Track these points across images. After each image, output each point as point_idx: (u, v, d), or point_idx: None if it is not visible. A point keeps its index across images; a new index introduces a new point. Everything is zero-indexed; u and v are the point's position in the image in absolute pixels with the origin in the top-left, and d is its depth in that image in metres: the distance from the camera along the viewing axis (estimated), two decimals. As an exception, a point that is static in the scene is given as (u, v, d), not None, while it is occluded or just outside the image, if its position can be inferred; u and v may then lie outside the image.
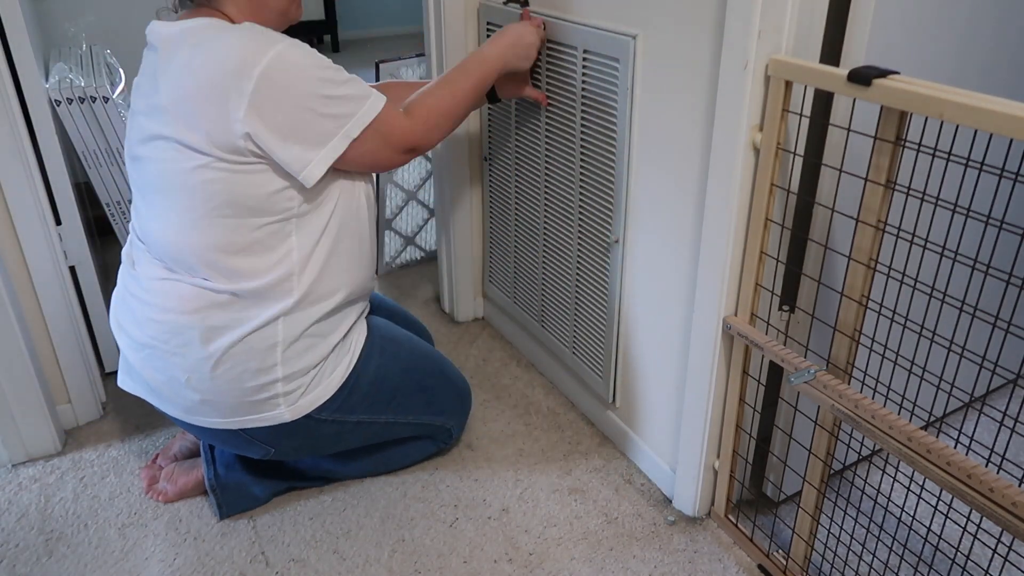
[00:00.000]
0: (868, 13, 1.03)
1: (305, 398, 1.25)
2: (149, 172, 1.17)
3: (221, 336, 1.18)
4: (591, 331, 1.55)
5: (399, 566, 1.30)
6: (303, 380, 1.24)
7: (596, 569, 1.29)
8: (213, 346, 1.18)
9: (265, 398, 1.22)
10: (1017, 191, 1.36)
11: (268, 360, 1.20)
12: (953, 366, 1.52)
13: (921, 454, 0.90)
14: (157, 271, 1.21)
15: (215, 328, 1.17)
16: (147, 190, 1.18)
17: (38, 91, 1.42)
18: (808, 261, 1.18)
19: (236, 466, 1.39)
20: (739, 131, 1.06)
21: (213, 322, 1.17)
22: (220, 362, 1.18)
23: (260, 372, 1.20)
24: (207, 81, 1.08)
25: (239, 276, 1.17)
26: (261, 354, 1.19)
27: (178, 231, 1.16)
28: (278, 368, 1.21)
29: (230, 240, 1.15)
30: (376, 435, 1.40)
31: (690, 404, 1.30)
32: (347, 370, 1.29)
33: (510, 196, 1.74)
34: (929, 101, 0.83)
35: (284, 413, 1.24)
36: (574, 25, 1.36)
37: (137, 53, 2.47)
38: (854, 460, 1.47)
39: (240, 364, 1.19)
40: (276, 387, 1.22)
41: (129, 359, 1.26)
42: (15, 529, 1.37)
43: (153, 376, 1.23)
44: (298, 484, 1.45)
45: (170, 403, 1.25)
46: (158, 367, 1.22)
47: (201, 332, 1.17)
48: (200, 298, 1.17)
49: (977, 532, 1.26)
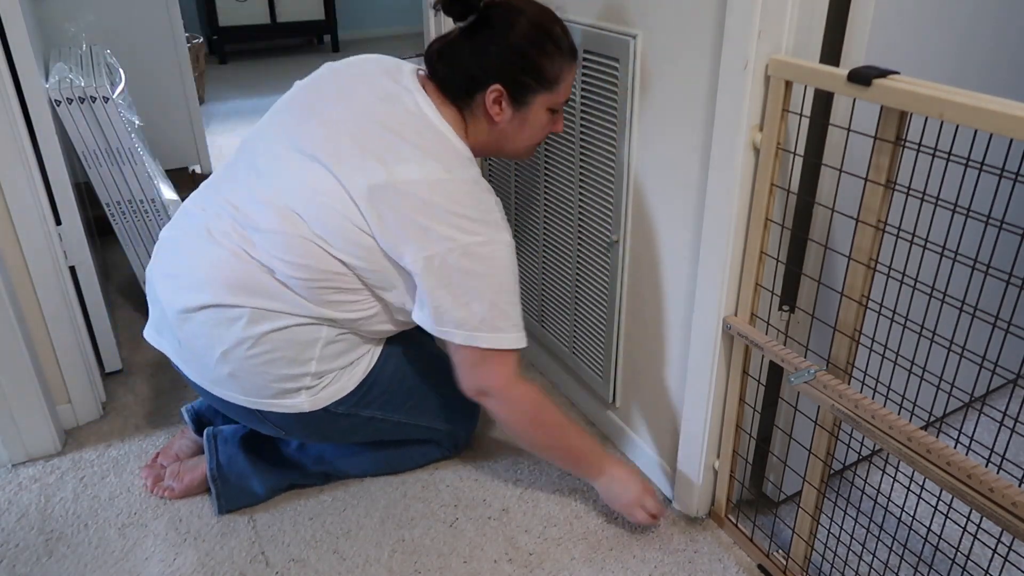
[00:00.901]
0: (868, 13, 1.03)
1: (326, 391, 1.27)
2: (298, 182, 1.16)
3: (269, 321, 1.18)
4: (591, 331, 1.55)
5: (399, 566, 1.30)
6: (330, 375, 1.26)
7: (596, 569, 1.29)
8: (257, 328, 1.18)
9: (291, 388, 1.24)
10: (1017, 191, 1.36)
11: (306, 353, 1.22)
12: (953, 366, 1.52)
13: (921, 454, 0.90)
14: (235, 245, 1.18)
15: (265, 315, 1.18)
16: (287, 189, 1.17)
17: (38, 91, 1.42)
18: (808, 261, 1.18)
19: (238, 459, 1.39)
20: (739, 131, 1.06)
21: (265, 313, 1.18)
22: (259, 343, 1.19)
23: (295, 363, 1.21)
24: (431, 213, 1.12)
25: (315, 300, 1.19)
26: (301, 346, 1.21)
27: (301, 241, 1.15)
28: (313, 363, 1.23)
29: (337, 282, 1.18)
30: (386, 433, 1.40)
31: (690, 404, 1.30)
32: (368, 367, 1.31)
33: (510, 196, 1.74)
34: (929, 101, 0.83)
35: (304, 403, 1.25)
36: (574, 25, 1.36)
37: (137, 53, 2.48)
38: (854, 460, 1.47)
39: (279, 350, 1.20)
40: (304, 380, 1.24)
41: (167, 315, 1.24)
42: (15, 529, 1.37)
43: (189, 340, 1.22)
44: (299, 481, 1.45)
45: (197, 370, 1.25)
46: (198, 333, 1.21)
47: (251, 316, 1.18)
48: (264, 294, 1.18)
49: (977, 532, 1.26)
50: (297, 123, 1.21)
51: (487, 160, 1.80)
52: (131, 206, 1.76)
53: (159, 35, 2.53)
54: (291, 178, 1.17)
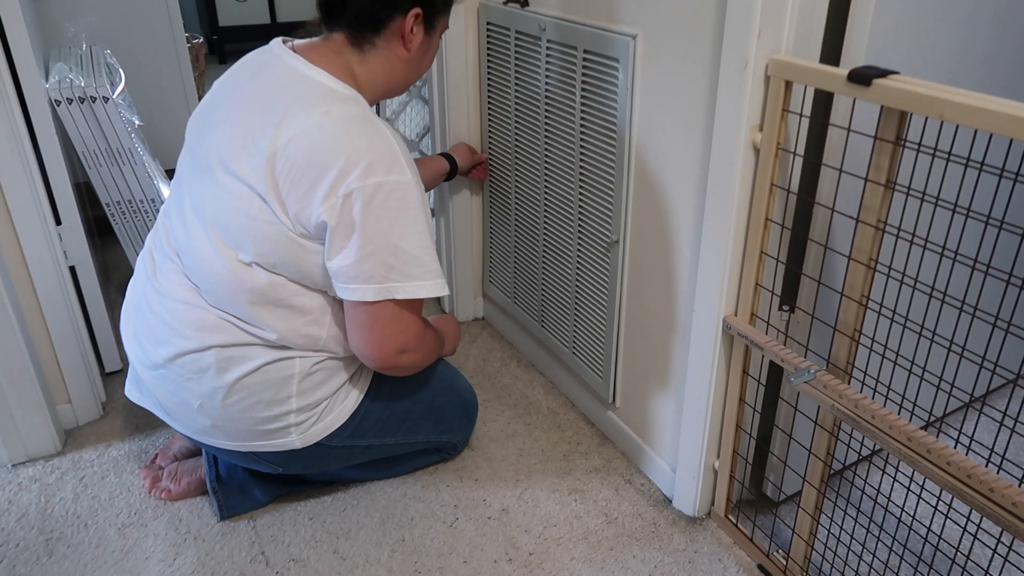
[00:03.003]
0: (868, 13, 1.03)
1: (317, 426, 1.25)
2: (211, 199, 1.13)
3: (237, 366, 1.17)
4: (591, 331, 1.55)
5: (399, 566, 1.30)
6: (316, 411, 1.24)
7: (596, 569, 1.29)
8: (228, 376, 1.17)
9: (277, 428, 1.22)
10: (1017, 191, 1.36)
11: (283, 392, 1.19)
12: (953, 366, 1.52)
13: (921, 454, 0.90)
14: (184, 292, 1.18)
15: (232, 358, 1.16)
16: (202, 213, 1.15)
17: (38, 91, 1.42)
18: (808, 261, 1.18)
19: (238, 469, 1.39)
20: (739, 131, 1.06)
21: (232, 353, 1.16)
22: (233, 391, 1.17)
23: (274, 403, 1.19)
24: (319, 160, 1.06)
25: (268, 327, 1.16)
26: (276, 385, 1.19)
27: (226, 266, 1.13)
28: (292, 400, 1.21)
29: (275, 294, 1.14)
30: (384, 453, 1.40)
31: (690, 404, 1.30)
32: (358, 399, 1.29)
33: (510, 196, 1.74)
34: (929, 101, 0.83)
35: (295, 441, 1.24)
36: (574, 25, 1.36)
37: (137, 53, 2.48)
38: (854, 460, 1.47)
39: (255, 394, 1.18)
40: (289, 418, 1.22)
41: (140, 375, 1.25)
42: (15, 529, 1.37)
43: (165, 397, 1.22)
44: (300, 487, 1.45)
45: (180, 422, 1.25)
46: (171, 389, 1.21)
47: (218, 361, 1.16)
48: (223, 330, 1.16)
49: (977, 532, 1.26)
50: (197, 146, 1.19)
51: (488, 158, 1.80)
52: (131, 206, 1.76)
53: (159, 35, 2.52)
54: (199, 195, 1.15)
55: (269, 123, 1.09)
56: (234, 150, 1.11)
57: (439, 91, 1.77)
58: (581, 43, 1.35)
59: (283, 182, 1.07)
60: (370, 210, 1.06)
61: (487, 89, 1.73)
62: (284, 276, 1.14)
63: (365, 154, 1.06)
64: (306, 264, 1.12)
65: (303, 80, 1.12)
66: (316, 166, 1.06)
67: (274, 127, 1.08)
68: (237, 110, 1.14)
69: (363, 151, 1.07)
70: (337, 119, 1.08)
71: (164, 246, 1.22)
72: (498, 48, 1.64)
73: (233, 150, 1.11)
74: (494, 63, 1.67)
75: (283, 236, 1.10)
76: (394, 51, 1.16)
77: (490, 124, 1.76)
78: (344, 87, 1.12)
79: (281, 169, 1.07)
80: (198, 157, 1.17)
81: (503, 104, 1.67)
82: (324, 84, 1.11)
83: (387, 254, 1.09)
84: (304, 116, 1.08)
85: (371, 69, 1.16)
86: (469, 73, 1.74)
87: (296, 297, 1.16)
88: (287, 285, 1.14)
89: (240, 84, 1.18)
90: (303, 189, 1.07)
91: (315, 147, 1.06)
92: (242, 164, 1.10)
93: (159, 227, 1.26)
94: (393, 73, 1.18)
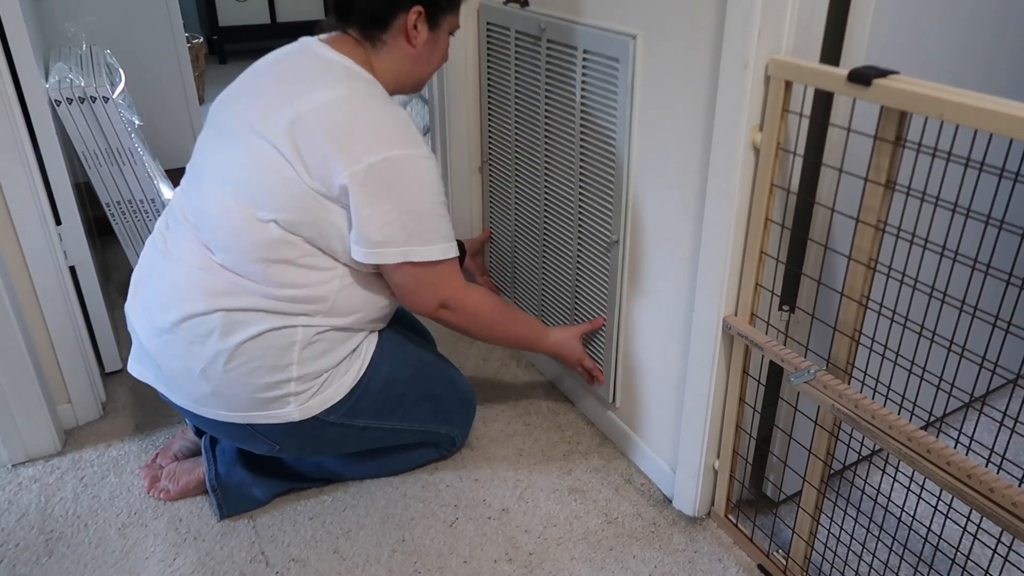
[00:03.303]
0: (868, 13, 1.03)
1: (316, 399, 1.25)
2: (235, 160, 1.19)
3: (241, 330, 1.19)
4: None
5: (399, 566, 1.30)
6: (316, 382, 1.25)
7: (596, 569, 1.29)
8: (232, 339, 1.19)
9: (276, 396, 1.23)
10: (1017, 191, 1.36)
11: (284, 359, 1.21)
12: (953, 366, 1.52)
13: (921, 454, 0.90)
14: (195, 258, 1.21)
15: (237, 322, 1.19)
16: (224, 175, 1.20)
17: (38, 91, 1.42)
18: (808, 261, 1.18)
19: (237, 466, 1.39)
20: (739, 131, 1.06)
21: (237, 317, 1.19)
22: (235, 355, 1.19)
23: (275, 370, 1.21)
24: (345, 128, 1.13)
25: (278, 283, 1.19)
26: (278, 351, 1.20)
27: (243, 221, 1.17)
28: (293, 367, 1.22)
29: (287, 252, 1.18)
30: (381, 440, 1.40)
31: (690, 404, 1.30)
32: (358, 374, 1.30)
33: (510, 196, 1.74)
34: (929, 101, 0.83)
35: (293, 412, 1.25)
36: (574, 25, 1.36)
37: (137, 53, 2.48)
38: (854, 460, 1.47)
39: (256, 360, 1.20)
40: (289, 386, 1.23)
41: (145, 345, 1.26)
42: (15, 529, 1.37)
43: (168, 363, 1.24)
44: (299, 485, 1.45)
45: (180, 392, 1.25)
46: (175, 354, 1.22)
47: (223, 324, 1.18)
48: (231, 295, 1.19)
49: (977, 532, 1.26)
50: (222, 118, 1.25)
51: (487, 162, 1.80)
52: (131, 206, 1.77)
53: (159, 35, 2.52)
54: (222, 160, 1.21)
55: (296, 93, 1.16)
56: (261, 115, 1.18)
57: (439, 91, 1.77)
58: (581, 43, 1.35)
59: (305, 145, 1.14)
60: (394, 179, 1.14)
61: (487, 89, 1.73)
62: (301, 237, 1.18)
63: (390, 128, 1.16)
64: (326, 224, 1.17)
65: (329, 62, 1.20)
66: (342, 133, 1.13)
67: (300, 96, 1.16)
68: (266, 84, 1.22)
69: (388, 125, 1.16)
70: (362, 95, 1.17)
71: (179, 217, 1.26)
72: (498, 48, 1.64)
73: (260, 115, 1.18)
74: (494, 63, 1.67)
75: (307, 195, 1.15)
76: (401, 47, 1.23)
77: (490, 124, 1.76)
78: (365, 72, 1.21)
79: (304, 133, 1.14)
80: (223, 126, 1.23)
81: (503, 104, 1.67)
82: (348, 67, 1.20)
83: (408, 220, 1.17)
84: (330, 89, 1.16)
85: (384, 63, 1.24)
86: (469, 73, 1.74)
87: (307, 258, 1.20)
88: (301, 245, 1.19)
89: (268, 65, 1.26)
90: (328, 153, 1.13)
91: (342, 116, 1.14)
92: (268, 126, 1.16)
93: (173, 206, 1.30)
94: (403, 68, 1.25)
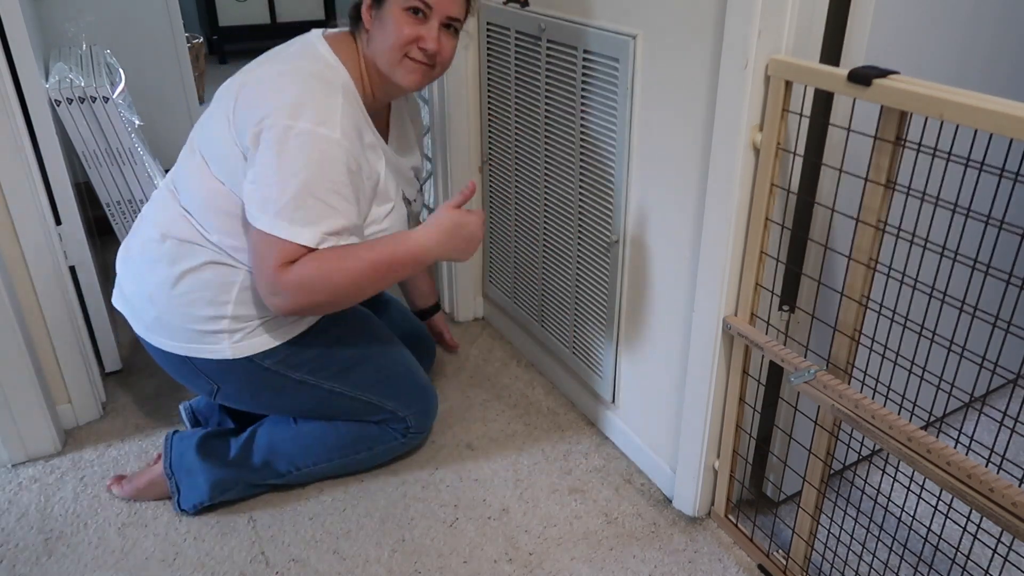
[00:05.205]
0: (868, 13, 1.03)
1: (248, 340, 1.29)
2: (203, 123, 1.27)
3: (187, 259, 1.25)
4: (591, 331, 1.55)
5: (399, 566, 1.30)
6: (250, 323, 1.28)
7: (596, 569, 1.29)
8: (177, 267, 1.25)
9: (211, 331, 1.27)
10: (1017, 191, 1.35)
11: (223, 295, 1.26)
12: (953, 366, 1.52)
13: (921, 454, 0.90)
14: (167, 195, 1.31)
15: (184, 253, 1.25)
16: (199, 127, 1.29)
17: (38, 91, 1.42)
18: (808, 261, 1.18)
19: (188, 454, 1.39)
20: (739, 131, 1.06)
21: (185, 249, 1.25)
22: (179, 283, 1.26)
23: (212, 304, 1.26)
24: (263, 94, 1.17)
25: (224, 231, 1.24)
26: (217, 287, 1.25)
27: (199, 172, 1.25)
28: (229, 306, 1.26)
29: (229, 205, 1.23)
30: (322, 403, 1.37)
31: (690, 404, 1.30)
32: (297, 330, 1.31)
33: (510, 196, 1.74)
34: (929, 101, 0.83)
35: (226, 349, 1.28)
36: (574, 25, 1.36)
37: (137, 53, 2.47)
38: (854, 460, 1.47)
39: (196, 291, 1.25)
40: (223, 323, 1.27)
41: (118, 270, 1.36)
42: (15, 529, 1.37)
43: (128, 286, 1.33)
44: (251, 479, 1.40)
45: (135, 317, 1.33)
46: (133, 277, 1.32)
47: (171, 251, 1.26)
48: (183, 227, 1.25)
49: (977, 532, 1.26)
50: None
51: (487, 162, 1.80)
52: (131, 206, 1.76)
53: (159, 35, 2.52)
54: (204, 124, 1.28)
55: (259, 64, 1.22)
56: (230, 82, 1.24)
57: (439, 91, 1.77)
58: (581, 43, 1.35)
59: (238, 108, 1.18)
60: (280, 146, 1.12)
61: (487, 89, 1.73)
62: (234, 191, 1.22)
63: (310, 103, 1.15)
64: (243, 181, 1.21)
65: (306, 45, 1.24)
66: (265, 96, 1.16)
67: (259, 66, 1.22)
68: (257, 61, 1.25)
69: (310, 101, 1.15)
70: (301, 72, 1.19)
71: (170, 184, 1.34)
72: (498, 48, 1.64)
73: (230, 82, 1.24)
74: (494, 63, 1.67)
75: (234, 154, 1.19)
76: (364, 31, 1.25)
77: (490, 124, 1.76)
78: (335, 61, 1.22)
79: (240, 98, 1.19)
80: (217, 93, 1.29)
81: (503, 104, 1.67)
82: (319, 54, 1.22)
83: (279, 191, 1.13)
84: (282, 63, 1.21)
85: (366, 53, 1.25)
86: (469, 73, 1.74)
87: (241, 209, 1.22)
88: (234, 199, 1.22)
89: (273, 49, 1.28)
90: (244, 114, 1.17)
91: (272, 83, 1.18)
92: (228, 91, 1.22)
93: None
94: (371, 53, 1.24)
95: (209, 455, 1.39)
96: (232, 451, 1.40)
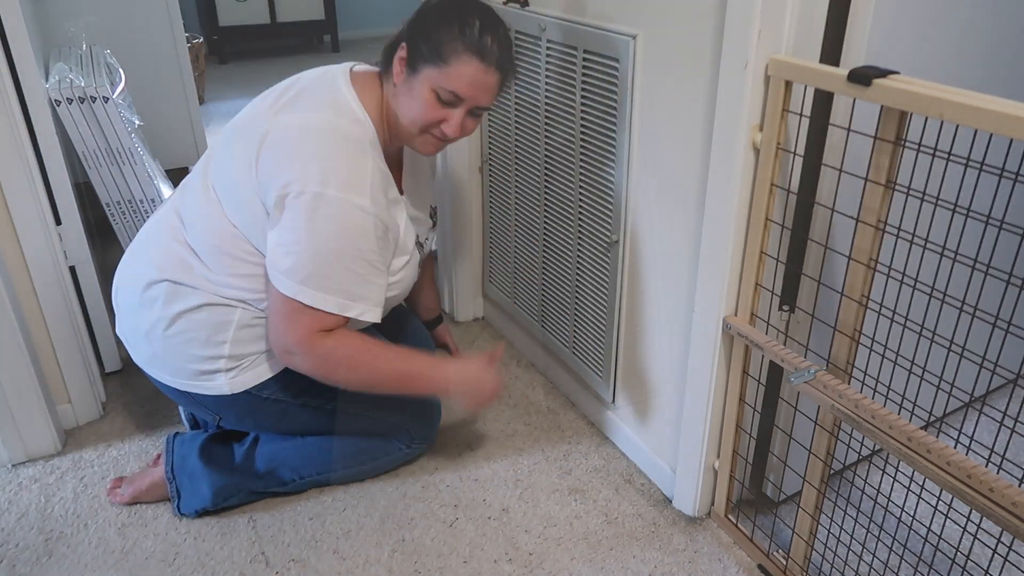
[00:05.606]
0: (868, 13, 1.03)
1: (244, 375, 1.29)
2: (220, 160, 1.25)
3: (183, 300, 1.24)
4: (591, 331, 1.55)
5: (399, 566, 1.30)
6: (245, 360, 1.28)
7: (596, 569, 1.29)
8: (172, 308, 1.25)
9: (207, 370, 1.27)
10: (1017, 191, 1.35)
11: (218, 335, 1.25)
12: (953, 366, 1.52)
13: (921, 454, 0.90)
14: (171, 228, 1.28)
15: (180, 294, 1.24)
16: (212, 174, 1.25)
17: (38, 91, 1.42)
18: (808, 261, 1.18)
19: (191, 459, 1.39)
20: (739, 131, 1.06)
21: (182, 290, 1.24)
22: (174, 323, 1.25)
23: (208, 344, 1.25)
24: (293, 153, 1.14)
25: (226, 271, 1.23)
26: (212, 327, 1.25)
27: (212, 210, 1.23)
28: (227, 346, 1.26)
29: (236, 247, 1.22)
30: (326, 421, 1.38)
31: (690, 404, 1.30)
32: None
33: (510, 196, 1.74)
34: (929, 101, 0.83)
35: (223, 386, 1.28)
36: (574, 25, 1.36)
37: (137, 53, 2.48)
38: (854, 460, 1.47)
39: (192, 331, 1.25)
40: (219, 362, 1.27)
41: (114, 301, 1.36)
42: (15, 529, 1.37)
43: (125, 320, 1.33)
44: (252, 486, 1.40)
45: (134, 350, 1.34)
46: (128, 313, 1.32)
47: (167, 293, 1.25)
48: (184, 268, 1.24)
49: (977, 532, 1.26)
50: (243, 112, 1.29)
51: (486, 163, 1.80)
52: (131, 206, 1.77)
53: (159, 35, 2.52)
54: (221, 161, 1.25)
55: (285, 109, 1.19)
56: (252, 119, 1.22)
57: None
58: (581, 43, 1.35)
59: (262, 160, 1.16)
60: (310, 213, 1.12)
61: (487, 89, 1.72)
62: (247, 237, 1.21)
63: (342, 169, 1.14)
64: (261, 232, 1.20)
65: (336, 93, 1.21)
66: (295, 155, 1.14)
67: (284, 112, 1.18)
68: (278, 92, 1.24)
69: (341, 166, 1.14)
70: (336, 132, 1.16)
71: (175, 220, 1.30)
72: (498, 48, 1.63)
73: (252, 119, 1.22)
74: (494, 63, 1.67)
75: (256, 208, 1.18)
76: (392, 82, 1.22)
77: (490, 124, 1.76)
78: (362, 113, 1.20)
79: (265, 149, 1.16)
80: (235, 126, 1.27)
81: (503, 104, 1.67)
82: (346, 103, 1.20)
83: (310, 260, 1.14)
84: (311, 114, 1.18)
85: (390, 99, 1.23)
86: (469, 73, 1.74)
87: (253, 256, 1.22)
88: (247, 245, 1.22)
89: (296, 78, 1.27)
90: (270, 170, 1.15)
91: (304, 140, 1.15)
92: (252, 130, 1.19)
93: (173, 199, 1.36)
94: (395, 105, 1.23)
95: (212, 461, 1.39)
96: (236, 458, 1.40)
